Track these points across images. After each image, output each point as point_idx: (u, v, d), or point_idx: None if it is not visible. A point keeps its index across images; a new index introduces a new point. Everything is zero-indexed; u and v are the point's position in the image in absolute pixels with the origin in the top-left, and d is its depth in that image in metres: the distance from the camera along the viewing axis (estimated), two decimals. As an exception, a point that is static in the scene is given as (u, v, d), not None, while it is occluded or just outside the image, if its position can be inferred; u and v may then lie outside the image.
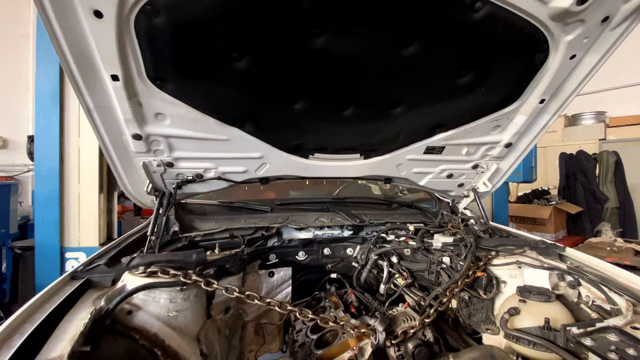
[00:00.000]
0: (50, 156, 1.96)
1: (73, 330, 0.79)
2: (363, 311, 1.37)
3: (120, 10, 0.86)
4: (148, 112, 1.13)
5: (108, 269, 1.04)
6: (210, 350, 1.03)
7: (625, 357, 0.78)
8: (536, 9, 1.02)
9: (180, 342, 0.94)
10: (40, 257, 1.99)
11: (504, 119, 1.42)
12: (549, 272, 1.18)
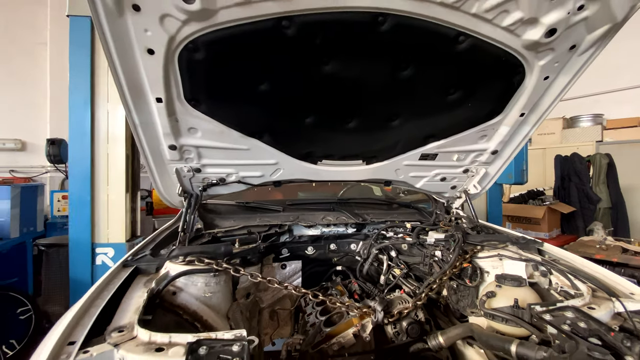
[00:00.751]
0: (82, 162, 2.18)
1: (134, 305, 1.01)
2: (365, 297, 1.57)
3: (168, 48, 1.07)
4: (183, 126, 1.35)
5: (153, 258, 1.25)
6: (237, 327, 1.24)
7: (576, 329, 0.98)
8: (511, 41, 1.22)
9: (214, 318, 1.15)
10: (74, 252, 2.21)
11: (490, 129, 1.62)
12: (525, 264, 1.38)
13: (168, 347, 0.82)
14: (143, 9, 0.96)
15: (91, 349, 0.80)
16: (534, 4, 1.09)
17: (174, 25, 1.01)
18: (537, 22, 1.15)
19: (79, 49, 2.21)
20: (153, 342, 0.83)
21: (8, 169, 4.76)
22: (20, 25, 4.90)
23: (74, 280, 2.21)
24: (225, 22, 1.03)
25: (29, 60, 4.95)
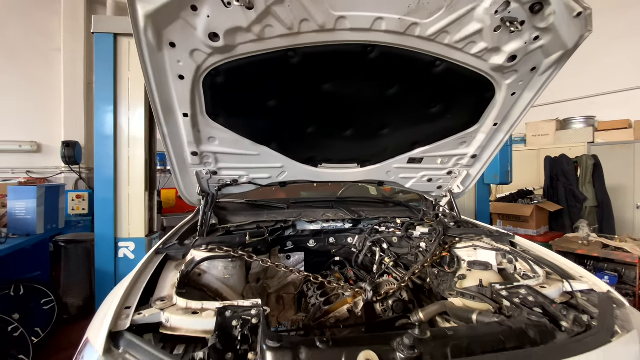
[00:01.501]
0: (106, 164, 2.44)
1: (170, 282, 1.26)
2: (359, 282, 1.82)
3: (196, 74, 1.32)
4: (204, 136, 1.60)
5: (180, 247, 1.50)
6: (250, 304, 1.49)
7: (525, 302, 1.22)
8: (480, 64, 1.47)
9: (232, 295, 1.40)
10: (99, 246, 2.47)
11: (468, 137, 1.86)
12: (495, 253, 1.62)
13: (201, 311, 1.07)
14: (178, 45, 1.21)
15: (144, 312, 1.06)
16: (496, 37, 1.33)
17: (201, 57, 1.27)
18: (500, 50, 1.39)
19: (103, 62, 2.46)
20: (189, 308, 1.09)
21: (25, 169, 5.04)
22: (36, 33, 5.18)
23: (99, 270, 2.47)
24: (242, 54, 1.28)
25: (44, 66, 5.22)
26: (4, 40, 5.00)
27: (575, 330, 1.06)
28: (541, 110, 6.25)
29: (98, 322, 1.03)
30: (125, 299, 1.11)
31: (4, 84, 4.99)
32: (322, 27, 1.24)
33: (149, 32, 1.14)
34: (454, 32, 1.32)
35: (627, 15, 5.50)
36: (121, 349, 0.91)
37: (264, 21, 1.17)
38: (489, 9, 1.22)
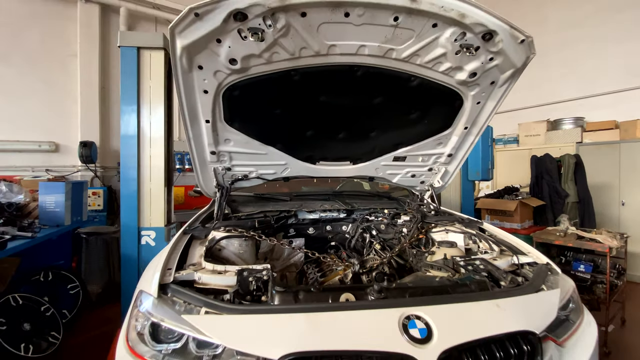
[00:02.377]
0: (131, 162, 2.80)
1: (198, 254, 1.61)
2: (350, 262, 2.17)
3: (217, 90, 1.67)
4: (221, 138, 1.95)
5: (203, 228, 1.86)
6: (259, 276, 1.84)
7: (476, 269, 1.56)
8: (447, 80, 1.81)
9: (246, 267, 1.75)
10: (124, 234, 2.82)
11: (444, 138, 2.20)
12: (463, 235, 1.97)
13: (224, 272, 1.42)
14: (204, 68, 1.57)
15: (182, 272, 1.41)
16: (457, 58, 1.67)
17: (222, 76, 1.62)
18: (462, 69, 1.74)
19: (128, 71, 2.82)
20: (215, 270, 1.44)
21: (44, 168, 5.42)
22: (54, 39, 5.55)
23: (124, 255, 2.83)
24: (254, 74, 1.63)
25: (61, 70, 5.60)
26: (24, 47, 5.38)
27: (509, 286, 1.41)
28: (534, 111, 6.56)
29: (147, 278, 1.38)
30: (166, 263, 1.46)
31: (24, 88, 5.36)
32: (318, 53, 1.58)
33: (184, 58, 1.49)
34: (424, 55, 1.66)
35: (616, 19, 5.77)
36: (169, 294, 1.26)
37: (271, 49, 1.52)
38: (449, 38, 1.56)
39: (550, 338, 1.24)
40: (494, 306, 1.19)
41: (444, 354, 1.00)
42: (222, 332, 1.05)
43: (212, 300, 1.17)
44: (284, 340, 1.00)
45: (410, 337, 1.02)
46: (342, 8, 1.39)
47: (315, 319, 1.06)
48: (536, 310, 1.25)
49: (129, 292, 2.83)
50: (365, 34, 1.53)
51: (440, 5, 1.40)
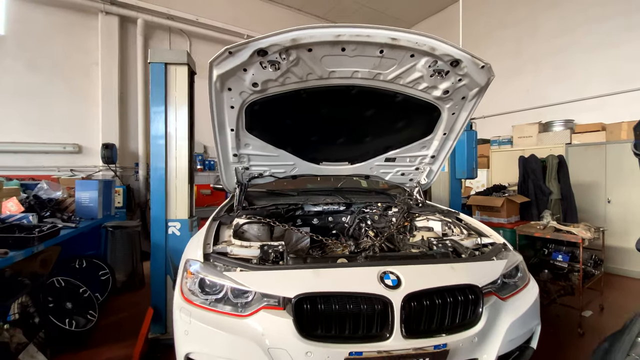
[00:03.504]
0: (160, 162, 3.27)
1: (227, 234, 2.08)
2: (348, 246, 2.63)
3: (241, 105, 2.14)
4: (242, 143, 2.42)
5: (228, 216, 2.33)
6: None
7: (445, 246, 2.01)
8: (426, 96, 2.26)
9: (263, 246, 2.21)
10: (154, 225, 3.29)
11: (427, 143, 2.65)
12: (440, 222, 2.42)
13: (249, 247, 1.89)
14: (232, 89, 2.03)
15: (218, 246, 1.88)
16: (432, 80, 2.12)
17: (245, 95, 2.08)
18: (437, 88, 2.19)
19: (157, 83, 3.28)
20: (243, 245, 1.91)
21: (68, 168, 5.93)
22: (77, 49, 6.07)
23: (154, 243, 3.30)
24: (271, 93, 2.10)
25: (84, 78, 6.12)
26: (50, 56, 5.91)
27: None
28: (527, 114, 6.97)
29: (192, 250, 1.85)
30: (205, 240, 1.93)
31: (51, 94, 5.89)
32: (321, 77, 2.05)
33: (217, 83, 1.96)
34: (405, 77, 2.12)
35: (604, 28, 6.16)
36: (210, 260, 1.73)
37: (285, 75, 1.98)
38: (424, 65, 2.02)
39: (493, 293, 1.69)
40: (450, 268, 1.65)
41: (408, 296, 1.46)
42: (253, 282, 1.52)
43: (244, 263, 1.64)
44: (297, 286, 1.47)
45: (385, 285, 1.48)
46: (339, 45, 1.85)
47: (319, 273, 1.52)
48: (483, 272, 1.70)
49: (158, 274, 3.34)
50: (357, 63, 1.99)
51: (415, 42, 1.86)
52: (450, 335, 1.49)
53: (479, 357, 1.58)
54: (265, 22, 7.92)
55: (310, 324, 1.43)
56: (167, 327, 3.33)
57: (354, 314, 1.45)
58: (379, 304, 1.45)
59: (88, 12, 6.10)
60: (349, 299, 1.46)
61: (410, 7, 8.36)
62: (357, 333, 1.45)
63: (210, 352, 1.48)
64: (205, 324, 1.50)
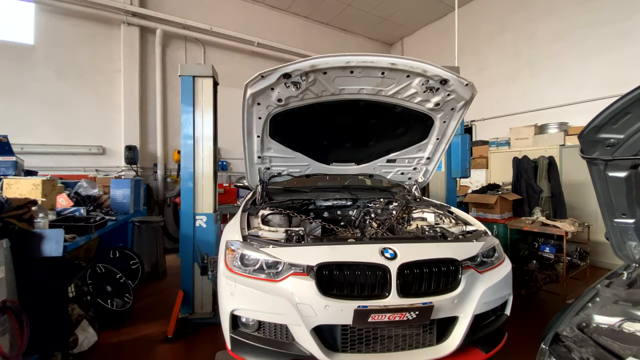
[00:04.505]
0: (189, 163, 3.77)
1: (256, 222, 2.58)
2: (355, 235, 3.11)
3: (267, 116, 2.63)
4: (265, 147, 2.91)
5: (255, 208, 2.82)
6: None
7: (435, 232, 2.49)
8: (420, 107, 2.74)
9: (285, 233, 2.71)
10: (183, 218, 3.79)
11: (423, 146, 3.13)
12: (434, 214, 2.89)
13: (276, 231, 2.38)
14: (261, 104, 2.53)
15: (250, 230, 2.37)
16: (425, 95, 2.60)
17: (271, 108, 2.58)
18: (429, 101, 2.66)
19: (186, 94, 3.78)
20: (270, 229, 2.40)
21: (93, 168, 6.48)
22: (102, 58, 6.62)
23: (183, 234, 3.80)
24: (292, 106, 2.59)
25: (107, 85, 6.66)
26: (76, 64, 6.45)
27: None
28: (524, 116, 7.40)
29: (231, 234, 2.34)
30: (240, 226, 2.42)
31: (77, 100, 6.43)
32: (333, 93, 2.54)
33: (250, 99, 2.45)
34: (402, 93, 2.60)
35: (598, 33, 6.57)
36: (247, 240, 2.22)
37: (304, 92, 2.47)
38: (418, 83, 2.50)
39: (472, 267, 2.17)
40: (435, 246, 2.13)
41: (402, 266, 1.94)
42: (283, 255, 2.01)
43: (274, 242, 2.14)
44: (317, 257, 1.96)
45: (384, 257, 1.96)
46: (349, 69, 2.34)
47: (334, 248, 2.01)
48: (462, 250, 2.18)
49: (186, 262, 3.84)
50: (363, 82, 2.48)
51: (410, 66, 2.35)
52: (435, 297, 1.97)
53: (459, 315, 2.06)
54: (275, 29, 8.43)
55: (328, 285, 1.92)
56: (194, 308, 3.83)
57: (360, 278, 1.94)
58: (379, 271, 1.94)
59: (111, 24, 6.64)
60: (357, 267, 1.95)
61: (413, 14, 8.82)
62: (363, 293, 1.93)
63: (251, 308, 1.98)
64: (247, 287, 2.00)
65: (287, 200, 3.25)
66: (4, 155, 3.85)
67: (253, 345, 2.00)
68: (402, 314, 1.88)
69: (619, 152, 1.95)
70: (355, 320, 1.87)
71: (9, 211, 2.32)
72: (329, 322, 1.90)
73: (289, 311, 1.89)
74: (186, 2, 7.36)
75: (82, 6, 6.32)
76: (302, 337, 1.91)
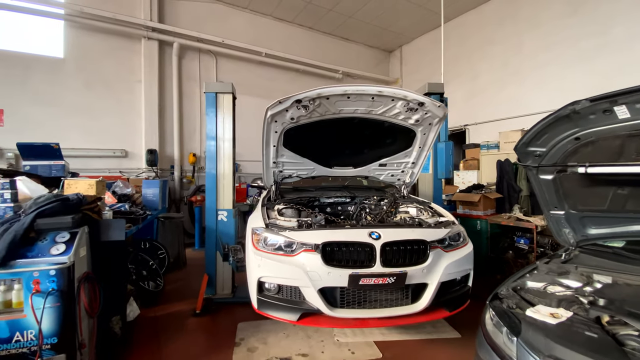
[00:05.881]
0: (212, 167, 4.54)
1: (273, 214, 3.34)
2: (352, 226, 3.87)
3: (282, 130, 3.39)
4: (279, 154, 3.67)
5: (272, 203, 3.58)
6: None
7: (414, 221, 3.23)
8: (404, 123, 3.49)
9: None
10: (207, 212, 4.56)
11: (408, 153, 3.88)
12: (415, 208, 3.64)
13: (290, 221, 3.14)
14: (277, 121, 3.29)
15: (270, 220, 3.13)
16: (407, 114, 3.35)
17: (285, 125, 3.34)
18: (411, 118, 3.42)
19: (210, 107, 4.55)
20: (286, 220, 3.16)
21: (117, 170, 7.26)
22: (124, 69, 7.41)
23: (207, 227, 4.57)
24: (301, 122, 3.35)
25: (129, 93, 7.45)
26: (102, 75, 7.24)
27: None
28: (512, 121, 8.11)
29: (255, 221, 3.09)
30: (262, 216, 3.18)
31: (103, 107, 7.22)
32: (334, 113, 3.30)
33: (269, 118, 3.21)
34: (389, 112, 3.35)
35: (579, 47, 7.26)
36: (268, 227, 2.98)
37: (311, 112, 3.23)
38: (400, 105, 3.25)
39: (439, 247, 2.92)
40: (411, 231, 2.88)
41: (384, 244, 2.69)
42: (296, 237, 2.77)
43: (290, 228, 2.90)
44: (322, 238, 2.72)
45: (371, 238, 2.72)
46: (346, 95, 3.09)
47: (334, 232, 2.78)
48: (431, 234, 2.93)
49: (210, 250, 4.62)
50: (357, 104, 3.23)
51: (393, 93, 3.10)
52: (408, 267, 2.72)
53: (428, 282, 2.81)
54: (281, 40, 9.20)
55: (330, 258, 2.68)
56: (216, 290, 4.60)
57: (354, 254, 2.69)
58: (367, 248, 2.69)
59: (133, 38, 7.43)
60: (351, 244, 2.70)
61: (410, 24, 9.56)
62: (356, 263, 2.68)
63: (273, 275, 2.74)
64: (270, 260, 2.76)
65: (297, 198, 4.01)
66: (56, 160, 4.64)
67: (274, 303, 2.76)
68: (384, 279, 2.63)
69: (544, 161, 2.68)
70: (349, 283, 2.62)
71: (85, 205, 3.08)
72: (331, 285, 2.65)
73: (301, 277, 2.65)
74: (200, 17, 8.15)
75: (107, 23, 7.12)
76: (311, 297, 2.67)
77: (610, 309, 1.99)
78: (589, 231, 2.96)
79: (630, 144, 2.30)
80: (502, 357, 1.97)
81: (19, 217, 2.68)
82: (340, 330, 3.61)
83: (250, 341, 3.45)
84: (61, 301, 2.53)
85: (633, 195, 2.58)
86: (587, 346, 1.62)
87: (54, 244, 2.62)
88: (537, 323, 1.91)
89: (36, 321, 2.43)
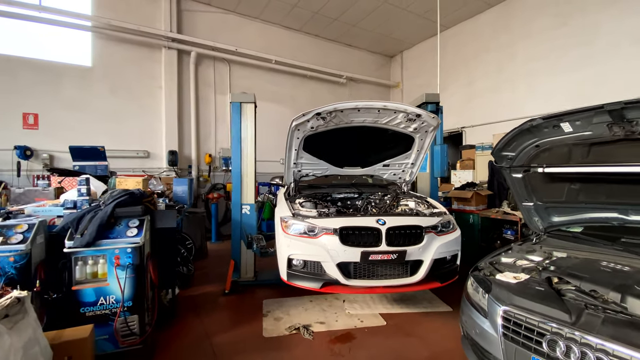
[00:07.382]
0: (237, 167, 5.32)
1: (296, 206, 4.12)
2: (360, 217, 4.66)
3: (303, 137, 4.17)
4: (299, 157, 4.45)
5: (292, 197, 4.36)
6: (319, 219, 4.35)
7: (412, 212, 4.02)
8: (405, 131, 4.28)
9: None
10: (233, 206, 5.31)
11: (408, 155, 4.66)
12: (414, 202, 4.43)
13: (311, 211, 3.93)
14: (300, 130, 4.07)
15: (294, 210, 3.91)
16: (407, 123, 4.14)
17: (305, 132, 4.12)
18: (410, 127, 4.21)
19: (235, 115, 5.33)
20: (307, 210, 3.95)
21: (140, 169, 8.02)
22: (146, 76, 8.18)
23: (233, 219, 5.34)
24: (319, 130, 4.13)
25: (151, 99, 8.22)
26: (126, 82, 8.01)
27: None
28: (505, 124, 8.89)
29: (282, 212, 3.87)
30: (288, 207, 3.96)
31: (127, 112, 7.99)
32: (347, 122, 4.08)
33: (294, 127, 3.99)
34: (392, 122, 4.14)
35: (568, 55, 8.02)
36: (294, 215, 3.77)
37: (328, 123, 4.01)
38: (402, 116, 4.04)
39: (432, 231, 3.70)
40: (410, 218, 3.68)
41: (389, 229, 3.48)
42: (318, 223, 3.56)
43: (312, 217, 3.68)
44: (339, 224, 3.50)
45: (378, 224, 3.51)
46: (357, 109, 3.88)
47: (348, 219, 3.57)
48: (426, 221, 3.71)
49: (235, 239, 5.41)
50: (366, 115, 4.02)
51: (396, 107, 3.89)
52: (408, 247, 3.51)
53: (423, 259, 3.59)
54: (289, 48, 9.99)
55: (346, 239, 3.47)
56: (241, 274, 5.38)
57: (364, 236, 3.48)
58: (375, 232, 3.48)
59: (154, 48, 8.20)
60: (362, 229, 3.49)
61: (411, 32, 10.34)
62: (366, 244, 3.47)
63: (301, 252, 3.52)
64: (297, 241, 3.54)
65: (313, 193, 4.79)
66: (100, 161, 5.42)
67: (301, 275, 3.55)
68: (388, 255, 3.42)
69: (514, 162, 3.46)
70: (361, 258, 3.41)
71: (145, 198, 3.86)
72: (346, 260, 3.44)
73: (323, 253, 3.44)
74: (215, 27, 8.92)
75: (131, 34, 7.88)
76: (330, 270, 3.46)
77: (558, 273, 2.76)
78: (553, 219, 3.73)
79: (576, 150, 3.08)
80: (477, 309, 2.74)
81: (99, 207, 3.46)
82: (350, 305, 4.40)
83: (275, 313, 4.23)
84: (135, 273, 3.30)
85: (583, 189, 3.36)
86: (536, 296, 2.36)
87: (128, 228, 3.40)
88: (503, 283, 2.66)
89: (120, 288, 3.21)
